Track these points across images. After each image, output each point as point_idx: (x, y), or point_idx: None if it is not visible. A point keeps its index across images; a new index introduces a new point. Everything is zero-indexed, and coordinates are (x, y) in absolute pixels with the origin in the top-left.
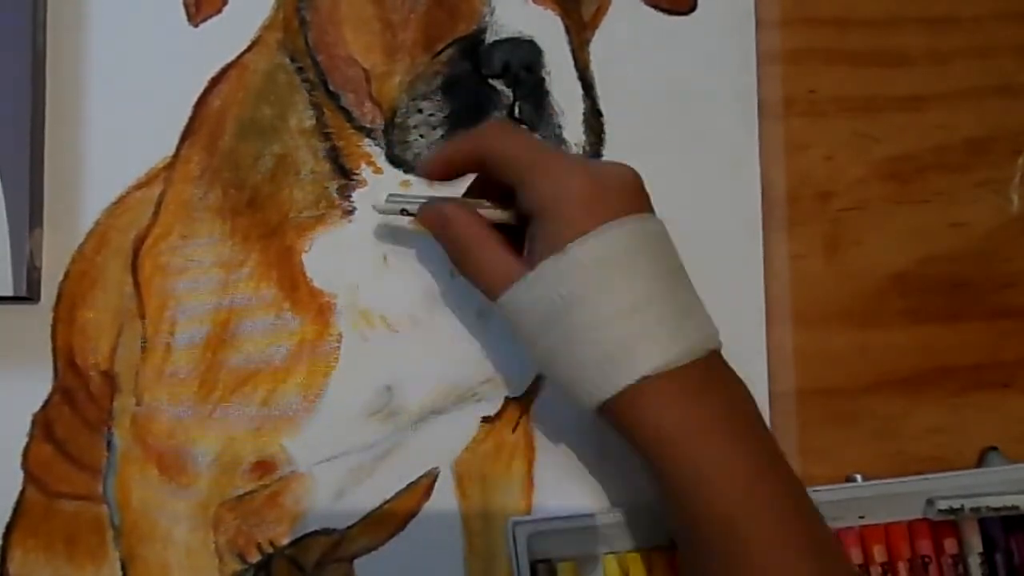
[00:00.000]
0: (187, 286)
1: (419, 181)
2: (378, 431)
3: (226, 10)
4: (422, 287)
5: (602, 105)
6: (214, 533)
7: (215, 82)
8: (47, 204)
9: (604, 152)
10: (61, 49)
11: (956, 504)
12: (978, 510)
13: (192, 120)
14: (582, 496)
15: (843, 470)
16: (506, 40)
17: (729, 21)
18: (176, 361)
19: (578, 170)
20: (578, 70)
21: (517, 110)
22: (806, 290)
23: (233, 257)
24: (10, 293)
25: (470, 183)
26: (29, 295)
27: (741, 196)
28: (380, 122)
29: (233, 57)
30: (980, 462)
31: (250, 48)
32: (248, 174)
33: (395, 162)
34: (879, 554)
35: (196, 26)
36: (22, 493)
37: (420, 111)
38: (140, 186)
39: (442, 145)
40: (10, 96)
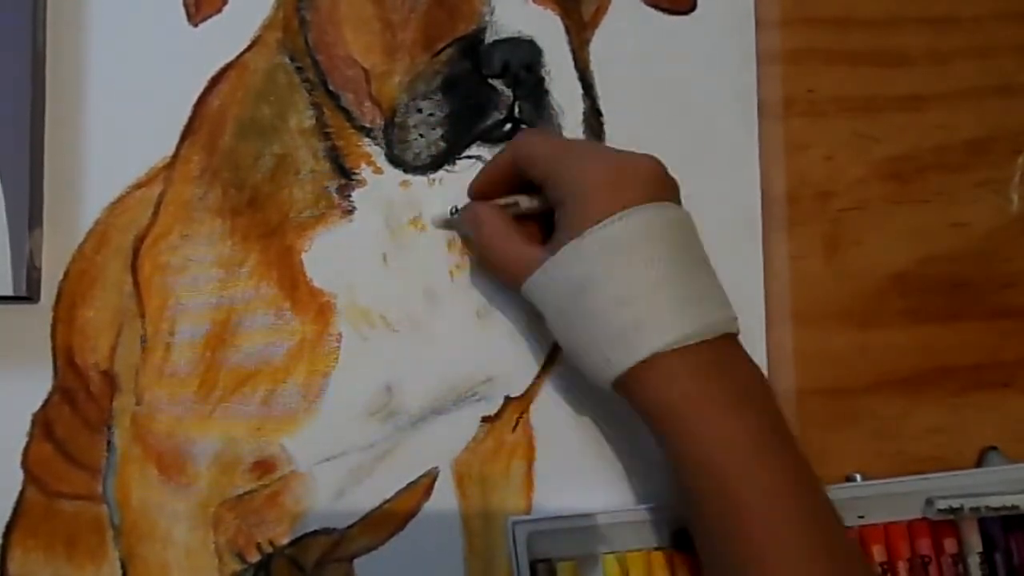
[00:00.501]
0: (187, 285)
1: (419, 181)
2: (378, 431)
3: (226, 10)
4: (422, 287)
5: (602, 105)
6: (214, 533)
7: (215, 82)
8: (47, 204)
9: None
10: (61, 49)
11: (956, 504)
12: (978, 510)
13: (192, 120)
14: (582, 496)
15: (843, 470)
16: (506, 40)
17: (729, 21)
18: (176, 360)
19: (600, 158)
20: (578, 70)
21: (517, 110)
22: (806, 290)
23: (233, 256)
24: (10, 293)
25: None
26: (29, 295)
27: (741, 196)
28: (380, 122)
29: (233, 57)
30: (980, 462)
31: (250, 48)
32: (248, 174)
33: (395, 162)
34: (879, 554)
35: (196, 26)
36: (22, 493)
37: (420, 111)
38: (140, 186)
39: (482, 171)
40: (10, 96)
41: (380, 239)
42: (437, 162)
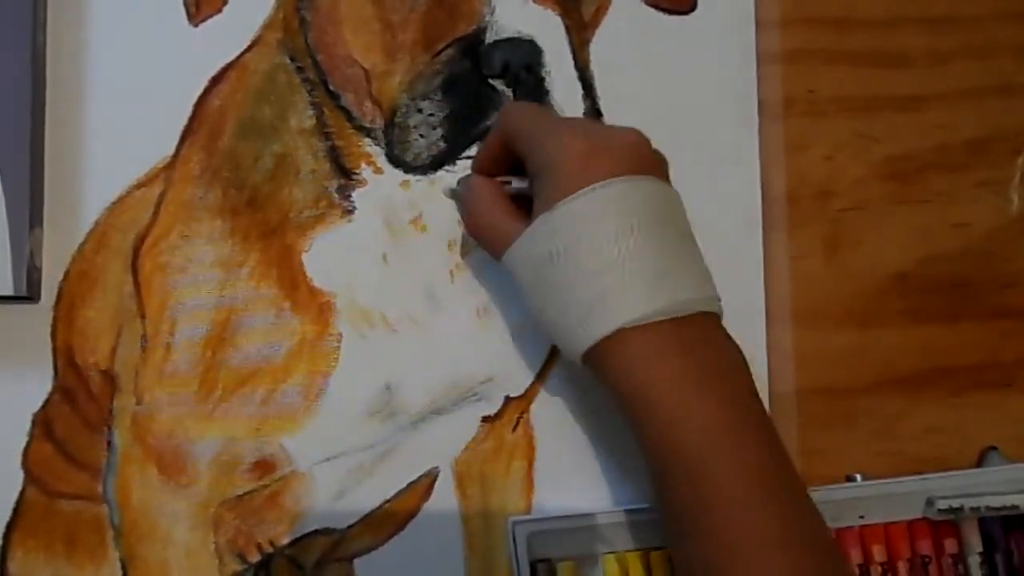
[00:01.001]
0: (187, 285)
1: (419, 181)
2: (378, 431)
3: (226, 10)
4: (422, 287)
5: (602, 105)
6: (214, 533)
7: (215, 82)
8: (47, 204)
9: None
10: (61, 49)
11: (956, 504)
12: (978, 510)
13: (192, 120)
14: (582, 496)
15: (843, 470)
16: (506, 40)
17: (729, 21)
18: (176, 360)
19: (577, 131)
20: (578, 70)
21: None
22: (806, 290)
23: (233, 257)
24: (10, 293)
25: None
26: (29, 295)
27: (741, 196)
28: (380, 122)
29: (233, 57)
30: (980, 462)
31: (250, 48)
32: (248, 174)
33: (395, 162)
34: (879, 554)
35: (196, 26)
36: (22, 493)
37: (420, 111)
38: (140, 186)
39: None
40: (10, 96)
41: (380, 239)
42: (437, 162)
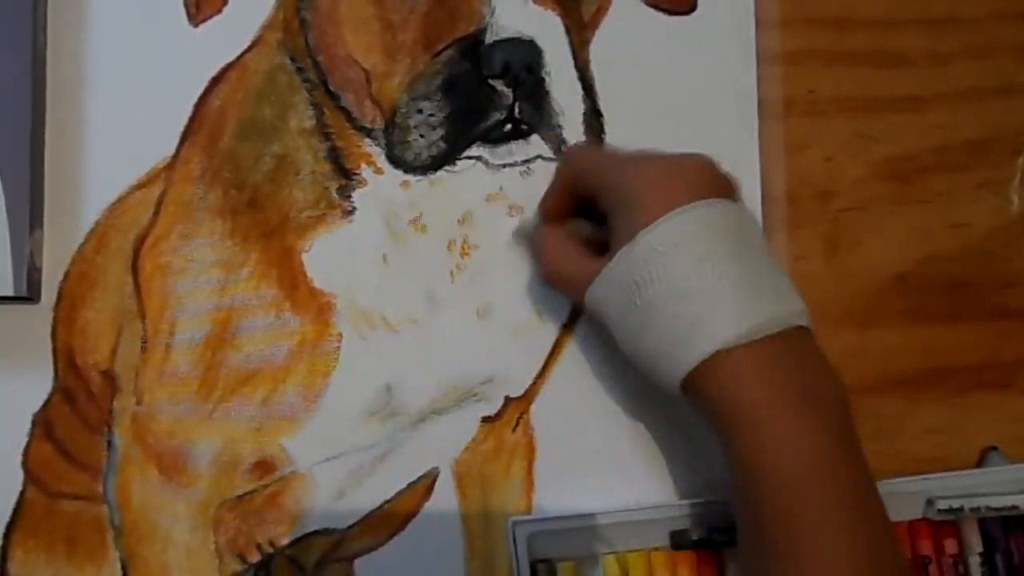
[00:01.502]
0: (187, 286)
1: (419, 181)
2: (378, 431)
3: (226, 10)
4: (422, 287)
5: (602, 105)
6: (214, 533)
7: (215, 82)
8: (47, 204)
9: None
10: (61, 49)
11: (956, 504)
12: (978, 510)
13: (192, 120)
14: (582, 496)
15: None
16: (506, 40)
17: (729, 21)
18: (176, 361)
19: (645, 163)
20: (578, 70)
21: (517, 110)
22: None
23: (233, 257)
24: (10, 293)
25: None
26: (29, 295)
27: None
28: (380, 122)
29: (233, 57)
30: (980, 462)
31: (250, 48)
32: (248, 174)
33: (395, 162)
34: None
35: (196, 26)
36: (22, 493)
37: (420, 111)
38: (140, 186)
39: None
40: (10, 96)
41: (380, 239)
42: (437, 163)
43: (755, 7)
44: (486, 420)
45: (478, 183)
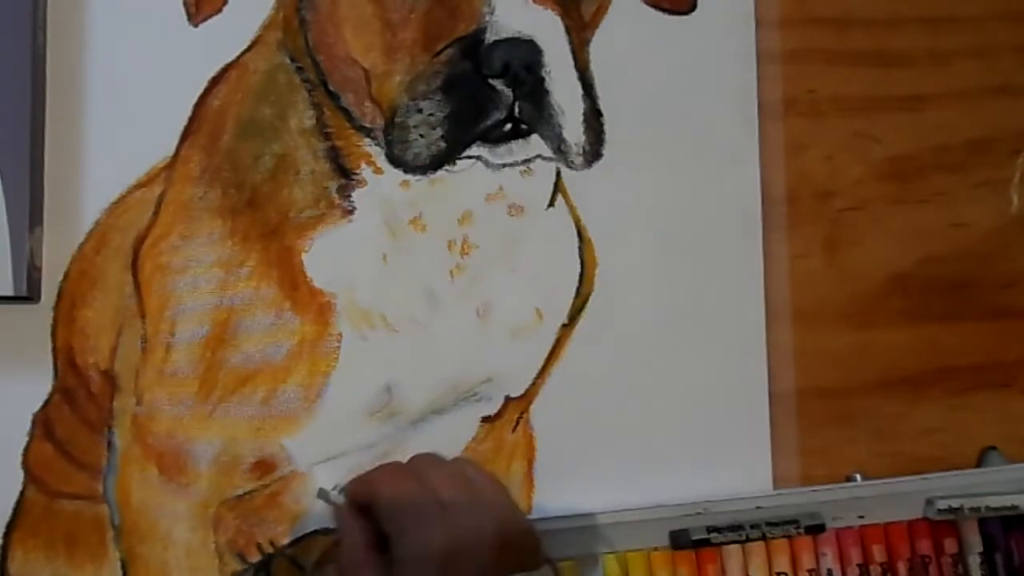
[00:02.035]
0: (187, 285)
1: (419, 180)
2: (378, 431)
3: (226, 10)
4: (422, 287)
5: (602, 105)
6: (214, 533)
7: (215, 82)
8: (47, 204)
9: (604, 152)
10: (61, 49)
11: (956, 504)
12: (977, 510)
13: (192, 120)
14: (582, 495)
15: (843, 470)
16: (506, 40)
17: (729, 21)
18: (176, 361)
19: (434, 525)
20: (578, 70)
21: (517, 110)
22: (806, 290)
23: (233, 257)
24: (10, 293)
25: None
26: (29, 295)
27: (741, 196)
28: (380, 122)
29: (233, 57)
30: (980, 462)
31: (250, 48)
32: (248, 174)
33: (395, 162)
34: (879, 554)
35: (196, 26)
36: (22, 493)
37: (420, 111)
38: (140, 186)
39: (355, 479)
40: (10, 96)
41: (380, 239)
42: (437, 162)
43: (755, 7)
44: (486, 420)
45: (478, 183)
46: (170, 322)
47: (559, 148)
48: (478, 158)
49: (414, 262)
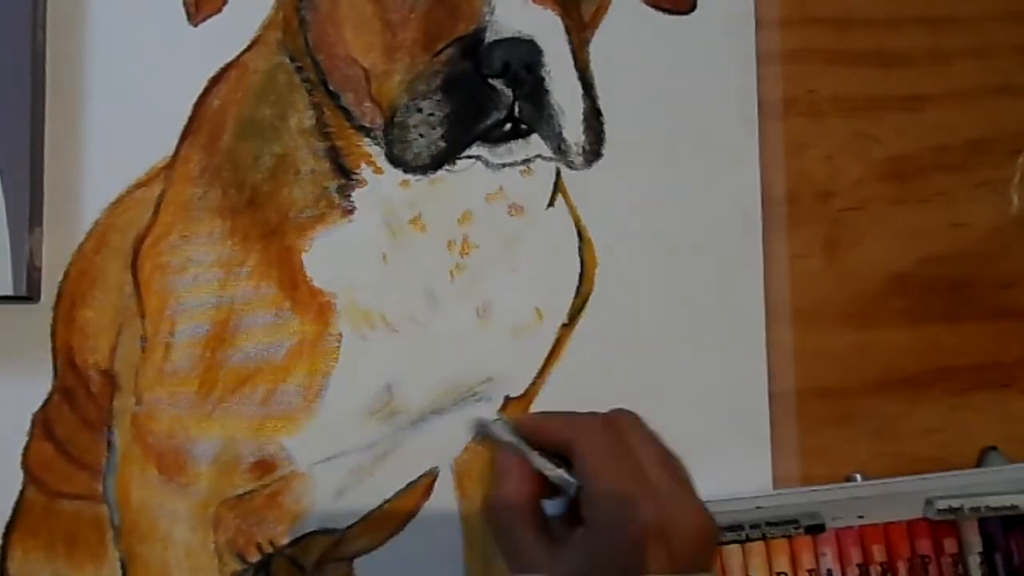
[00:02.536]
0: (187, 285)
1: (419, 180)
2: (378, 431)
3: (226, 10)
4: (422, 287)
5: (602, 105)
6: (214, 532)
7: (215, 82)
8: (47, 204)
9: (604, 152)
10: (61, 49)
11: (955, 504)
12: (977, 510)
13: (192, 120)
14: None
15: (843, 470)
16: (506, 40)
17: (729, 21)
18: (176, 360)
19: (646, 496)
20: (578, 70)
21: (517, 110)
22: (806, 290)
23: (233, 256)
24: (10, 293)
25: None
26: (29, 295)
27: (741, 196)
28: (380, 121)
29: (233, 57)
30: (980, 462)
31: (250, 48)
32: (248, 174)
33: (395, 162)
34: (879, 554)
35: (196, 26)
36: (22, 493)
37: (420, 110)
38: (140, 186)
39: (540, 416)
40: (10, 96)
41: (380, 239)
42: (437, 162)
43: (755, 7)
44: None
45: (478, 182)
46: (170, 321)
47: (559, 148)
48: (478, 158)
49: (414, 262)
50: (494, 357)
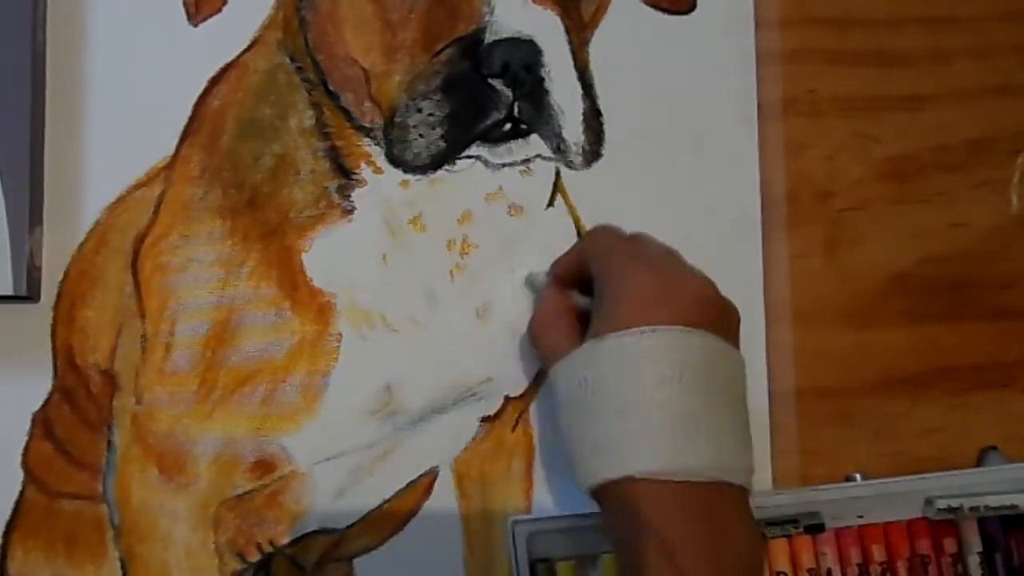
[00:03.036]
0: (187, 285)
1: (418, 180)
2: (378, 431)
3: (226, 10)
4: (422, 287)
5: (602, 105)
6: (214, 532)
7: (215, 82)
8: (47, 204)
9: (604, 152)
10: (61, 49)
11: (955, 503)
12: (977, 509)
13: (192, 120)
14: (582, 495)
15: (843, 470)
16: (506, 40)
17: (729, 21)
18: (176, 360)
19: (647, 269)
20: (578, 70)
21: (516, 110)
22: (806, 290)
23: (233, 256)
24: (10, 293)
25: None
26: (29, 295)
27: (741, 196)
28: (380, 121)
29: (233, 57)
30: (979, 461)
31: (250, 48)
32: (248, 174)
33: (395, 162)
34: (878, 553)
35: (196, 26)
36: (22, 492)
37: (420, 111)
38: (140, 185)
39: (569, 249)
40: (10, 96)
41: (380, 239)
42: (437, 162)
43: (755, 7)
44: (485, 419)
45: (478, 182)
46: (170, 321)
47: (559, 148)
48: (478, 158)
49: (414, 262)
50: (494, 357)
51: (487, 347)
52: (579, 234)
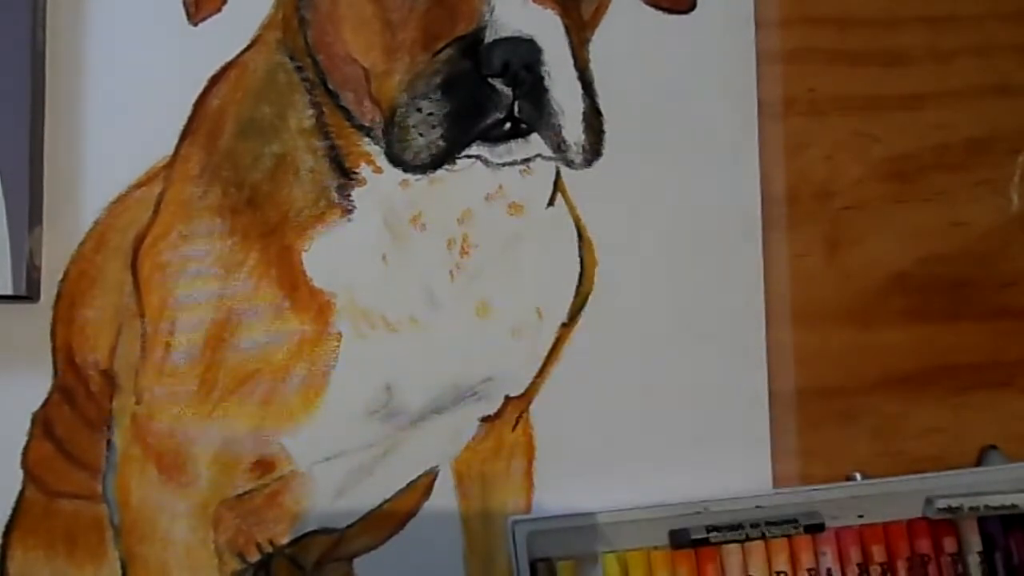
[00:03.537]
0: (187, 285)
1: (418, 180)
2: (378, 431)
3: (226, 9)
4: (422, 287)
5: (602, 105)
6: (214, 532)
7: (214, 81)
8: (47, 203)
9: (604, 151)
10: (61, 49)
11: (955, 503)
12: (977, 509)
13: (191, 119)
14: (582, 495)
15: (843, 469)
16: (506, 39)
17: (729, 21)
18: (175, 359)
19: None
20: (578, 69)
21: (517, 109)
22: (806, 290)
23: (233, 256)
24: (10, 292)
25: None
26: (29, 294)
27: (741, 196)
28: (379, 121)
29: (233, 56)
30: (979, 461)
31: (249, 47)
32: (247, 173)
33: (395, 161)
34: (878, 553)
35: (196, 25)
36: (22, 492)
37: (419, 110)
38: (139, 185)
39: None
40: (10, 96)
41: (380, 239)
42: (437, 161)
43: (755, 7)
44: (486, 419)
45: (477, 182)
46: (170, 321)
47: (559, 147)
48: (478, 157)
49: (414, 261)
50: (494, 357)
51: (487, 347)
52: (579, 234)
